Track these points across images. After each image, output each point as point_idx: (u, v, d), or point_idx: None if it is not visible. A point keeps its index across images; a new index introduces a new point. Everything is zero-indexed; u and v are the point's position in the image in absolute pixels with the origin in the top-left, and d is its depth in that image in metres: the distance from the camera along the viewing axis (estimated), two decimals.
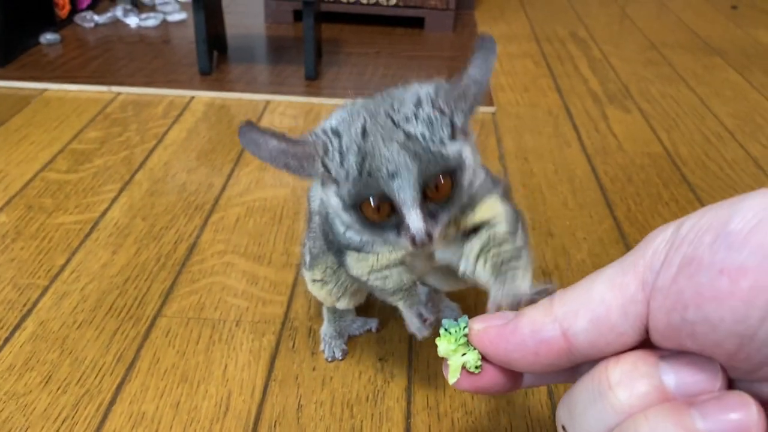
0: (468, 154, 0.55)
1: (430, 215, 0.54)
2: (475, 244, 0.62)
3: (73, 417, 0.75)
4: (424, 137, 0.53)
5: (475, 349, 0.42)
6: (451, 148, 0.53)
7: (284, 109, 1.53)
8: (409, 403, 0.79)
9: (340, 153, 0.53)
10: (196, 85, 1.61)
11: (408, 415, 0.77)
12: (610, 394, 0.35)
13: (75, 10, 2.01)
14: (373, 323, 0.89)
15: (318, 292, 0.79)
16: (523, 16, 2.35)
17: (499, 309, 0.58)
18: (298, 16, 2.12)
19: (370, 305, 0.92)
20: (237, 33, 1.96)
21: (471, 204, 0.61)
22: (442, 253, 0.65)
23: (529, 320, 0.38)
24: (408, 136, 0.52)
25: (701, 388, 0.33)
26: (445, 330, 0.45)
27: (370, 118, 0.54)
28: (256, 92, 1.58)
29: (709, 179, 1.30)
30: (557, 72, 1.83)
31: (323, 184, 0.56)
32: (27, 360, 0.82)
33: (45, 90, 1.56)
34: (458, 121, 0.53)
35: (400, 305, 0.68)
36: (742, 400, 0.32)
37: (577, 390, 0.37)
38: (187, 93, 1.57)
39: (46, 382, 0.79)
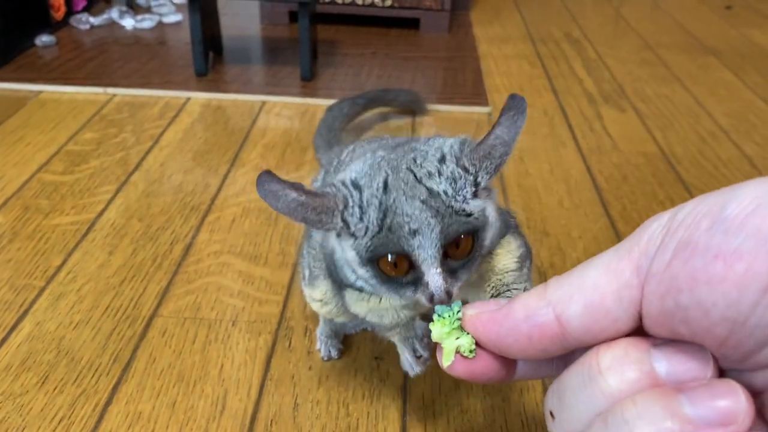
0: (491, 212, 0.54)
1: (450, 272, 0.52)
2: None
3: (69, 417, 0.75)
4: (446, 194, 0.51)
5: (468, 333, 0.42)
6: (474, 207, 0.52)
7: (280, 110, 1.54)
8: (404, 401, 0.79)
9: (360, 207, 0.51)
10: (192, 86, 1.61)
11: (404, 414, 0.77)
12: (600, 379, 0.35)
13: (70, 11, 2.01)
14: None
15: (317, 308, 0.77)
16: (518, 17, 2.36)
17: None
18: (293, 17, 2.12)
19: None
20: (233, 34, 1.97)
21: (490, 250, 0.61)
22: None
23: (522, 305, 0.39)
24: (431, 192, 0.51)
25: (692, 376, 0.33)
26: (439, 315, 0.46)
27: (392, 173, 0.52)
28: (252, 93, 1.59)
29: (704, 178, 1.31)
30: (552, 72, 1.84)
31: (339, 236, 0.54)
32: (24, 360, 0.82)
33: (41, 92, 1.56)
34: (482, 180, 0.51)
35: (395, 340, 0.66)
36: (730, 387, 0.32)
37: (567, 375, 0.37)
38: (183, 94, 1.57)
39: (43, 382, 0.80)
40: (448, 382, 0.82)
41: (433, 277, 0.50)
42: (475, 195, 0.51)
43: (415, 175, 0.52)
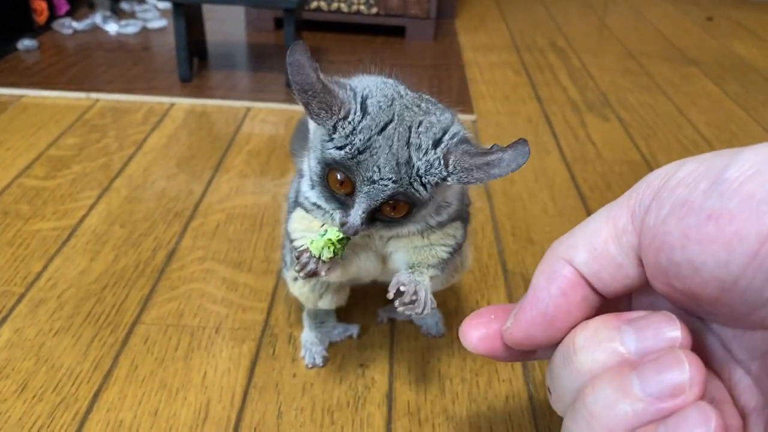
0: (451, 196, 0.63)
1: (368, 219, 0.57)
2: (415, 258, 0.68)
3: (48, 425, 0.74)
4: (418, 171, 0.55)
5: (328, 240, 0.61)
6: (429, 192, 0.56)
7: (265, 116, 1.53)
8: (390, 408, 0.78)
9: (354, 130, 0.55)
10: (176, 91, 1.60)
11: (389, 421, 0.77)
12: (575, 358, 0.36)
13: (53, 16, 2.00)
14: (354, 330, 0.89)
15: (300, 290, 0.79)
16: (503, 26, 2.37)
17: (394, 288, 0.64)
18: (279, 24, 2.12)
19: (351, 311, 0.92)
20: (218, 40, 1.96)
21: (439, 226, 0.67)
22: (394, 261, 0.70)
23: (539, 274, 0.41)
24: (408, 162, 0.55)
25: (660, 349, 0.34)
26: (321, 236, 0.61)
27: (397, 121, 0.55)
28: (237, 99, 1.58)
29: None
30: (537, 81, 1.85)
31: (316, 140, 0.58)
32: (2, 368, 0.81)
33: (22, 96, 1.55)
34: (452, 180, 0.55)
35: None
36: (676, 359, 0.32)
37: (555, 354, 0.39)
38: (167, 100, 1.56)
39: (22, 390, 0.78)
40: (434, 389, 0.81)
41: (355, 214, 0.56)
42: (436, 185, 0.56)
43: (409, 137, 0.55)
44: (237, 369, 0.83)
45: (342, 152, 0.55)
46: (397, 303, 0.63)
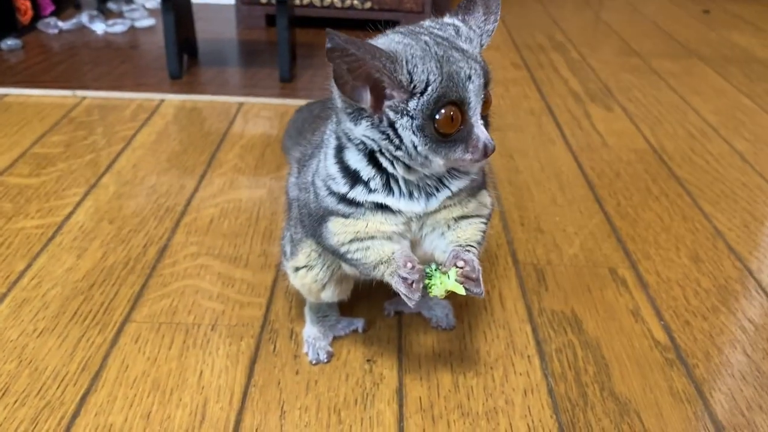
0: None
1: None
2: (463, 237, 0.67)
3: (32, 431, 0.68)
4: (469, 51, 0.59)
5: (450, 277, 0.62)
6: (483, 63, 0.59)
7: (258, 110, 1.48)
8: (401, 405, 0.73)
9: (421, 59, 0.55)
10: (166, 88, 1.55)
11: (400, 419, 0.71)
12: None
13: (38, 16, 1.94)
14: (359, 323, 0.83)
15: (302, 281, 0.74)
16: (499, 22, 2.33)
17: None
18: (270, 21, 2.07)
19: (356, 304, 0.86)
20: (208, 38, 1.91)
21: (472, 193, 0.67)
22: (429, 242, 0.67)
23: None
24: (462, 50, 0.58)
25: None
26: (429, 279, 0.63)
27: (430, 37, 0.58)
28: (229, 95, 1.53)
29: (697, 173, 1.27)
30: (537, 74, 1.80)
31: (380, 120, 0.58)
32: None
33: (5, 95, 1.49)
34: (485, 41, 0.61)
35: (385, 277, 0.65)
36: None
37: None
38: (157, 96, 1.51)
39: (3, 394, 0.72)
40: (447, 383, 0.76)
41: (480, 128, 0.58)
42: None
43: (446, 39, 0.58)
44: (235, 367, 0.77)
45: (434, 85, 0.55)
46: (461, 279, 0.62)
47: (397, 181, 0.63)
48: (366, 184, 0.62)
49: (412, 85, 0.55)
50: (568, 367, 0.79)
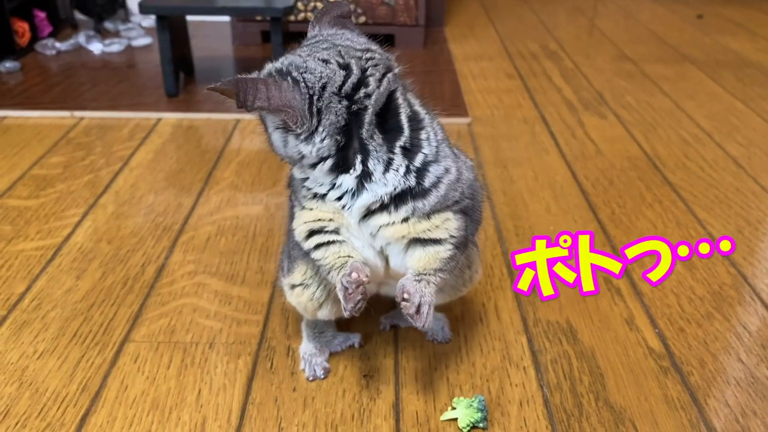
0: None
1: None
2: (419, 263, 0.66)
3: None
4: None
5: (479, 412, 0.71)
6: None
7: (255, 127, 1.49)
8: (397, 420, 0.74)
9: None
10: (163, 107, 1.56)
11: None
12: None
13: (36, 38, 1.96)
14: (355, 338, 0.84)
15: (298, 299, 0.75)
16: (492, 32, 2.35)
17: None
18: (266, 37, 2.08)
19: (352, 320, 0.86)
20: (205, 55, 1.92)
21: (428, 214, 0.65)
22: (393, 260, 0.69)
23: None
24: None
25: None
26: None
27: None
28: (226, 112, 1.54)
29: (691, 179, 1.28)
30: (531, 83, 1.82)
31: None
32: None
33: (4, 117, 1.50)
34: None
35: (336, 284, 0.67)
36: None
37: None
38: (154, 115, 1.52)
39: (4, 416, 0.73)
40: (443, 397, 0.76)
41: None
42: None
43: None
44: (233, 385, 0.78)
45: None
46: (402, 310, 0.64)
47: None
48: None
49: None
50: (564, 377, 0.80)
